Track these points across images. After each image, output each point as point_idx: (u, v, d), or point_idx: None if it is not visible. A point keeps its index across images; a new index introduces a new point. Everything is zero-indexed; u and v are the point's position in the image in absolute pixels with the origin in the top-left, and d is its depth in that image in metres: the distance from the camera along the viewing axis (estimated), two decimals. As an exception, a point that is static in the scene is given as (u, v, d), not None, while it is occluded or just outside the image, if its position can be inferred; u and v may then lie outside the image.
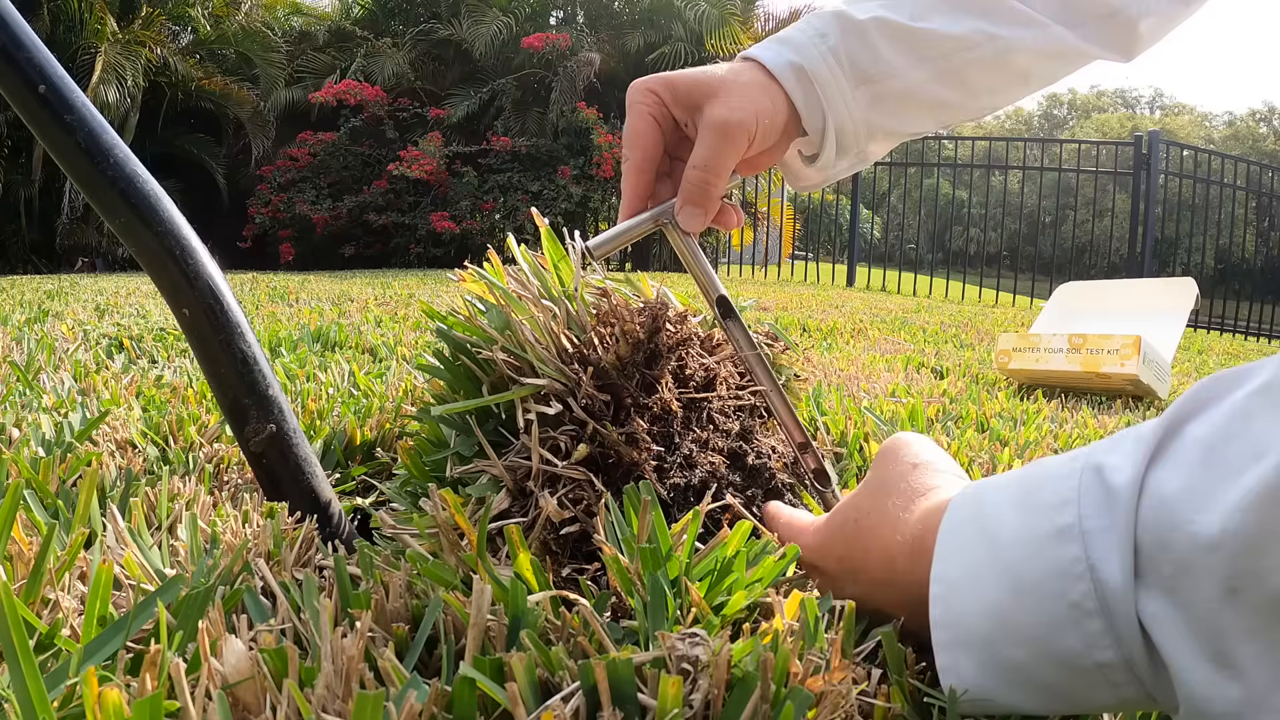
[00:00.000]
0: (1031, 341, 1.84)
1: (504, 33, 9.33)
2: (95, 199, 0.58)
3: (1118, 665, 0.33)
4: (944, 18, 0.61)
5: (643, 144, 0.60)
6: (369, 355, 1.63)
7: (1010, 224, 13.08)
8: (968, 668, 0.38)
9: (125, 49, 8.35)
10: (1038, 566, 0.35)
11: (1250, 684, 0.30)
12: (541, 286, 0.67)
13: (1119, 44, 0.64)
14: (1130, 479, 0.33)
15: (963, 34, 0.61)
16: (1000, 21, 0.61)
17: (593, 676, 0.36)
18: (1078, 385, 1.79)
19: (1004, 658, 0.36)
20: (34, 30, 0.56)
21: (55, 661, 0.42)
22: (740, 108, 0.57)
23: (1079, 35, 0.63)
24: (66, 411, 0.95)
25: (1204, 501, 0.30)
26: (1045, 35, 0.62)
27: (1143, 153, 6.26)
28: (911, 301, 5.43)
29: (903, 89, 0.62)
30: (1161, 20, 0.65)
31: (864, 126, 0.63)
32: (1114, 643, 0.33)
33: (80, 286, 3.73)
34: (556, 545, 0.57)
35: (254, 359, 0.60)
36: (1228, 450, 0.30)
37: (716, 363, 0.68)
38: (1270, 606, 0.29)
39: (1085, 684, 0.35)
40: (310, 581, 0.48)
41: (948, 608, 0.38)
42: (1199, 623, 0.30)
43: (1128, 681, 0.34)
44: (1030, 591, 0.35)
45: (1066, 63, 0.65)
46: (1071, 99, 42.34)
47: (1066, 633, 0.34)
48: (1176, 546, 0.31)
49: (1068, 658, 0.34)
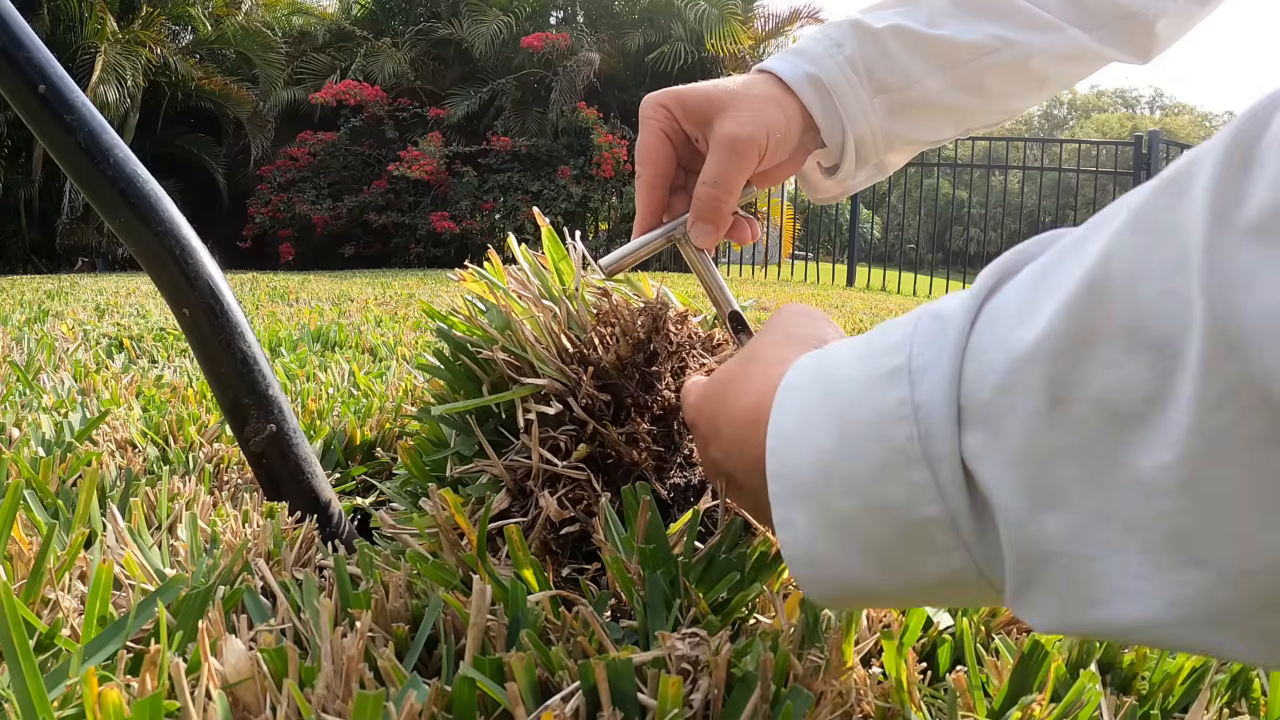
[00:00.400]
0: None
1: (504, 32, 9.32)
2: (95, 199, 0.58)
3: (942, 522, 0.30)
4: (960, 24, 0.61)
5: (654, 159, 0.60)
6: (369, 355, 1.63)
7: (1010, 224, 13.10)
8: (801, 522, 0.35)
9: (125, 49, 8.35)
10: (865, 410, 0.32)
11: (1069, 515, 0.26)
12: (542, 286, 0.67)
13: (1135, 46, 0.64)
14: (960, 309, 0.30)
15: (979, 40, 0.61)
16: (1016, 26, 0.61)
17: (593, 676, 0.36)
18: None
19: (835, 510, 0.34)
20: (34, 30, 0.56)
21: (55, 661, 0.42)
22: (750, 122, 0.57)
23: (1095, 38, 0.63)
24: (66, 411, 0.95)
25: (1029, 314, 0.27)
26: (1062, 39, 0.62)
27: (1143, 153, 6.26)
28: (911, 301, 5.43)
29: (921, 97, 0.62)
30: (1178, 20, 0.64)
31: (883, 136, 0.63)
32: (937, 493, 0.30)
33: (80, 286, 3.73)
34: (556, 545, 0.57)
35: (254, 359, 0.60)
36: (1060, 267, 0.27)
37: (717, 363, 0.68)
38: (1096, 417, 0.25)
39: (912, 548, 0.32)
40: (310, 581, 0.48)
41: (782, 460, 0.36)
42: (1017, 448, 0.27)
43: (954, 546, 0.30)
44: (858, 438, 0.32)
45: (1083, 65, 0.65)
46: (1071, 99, 42.37)
47: (891, 481, 0.31)
48: (995, 365, 0.28)
49: (893, 510, 0.31)
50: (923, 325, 0.32)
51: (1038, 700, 0.42)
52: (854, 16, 0.63)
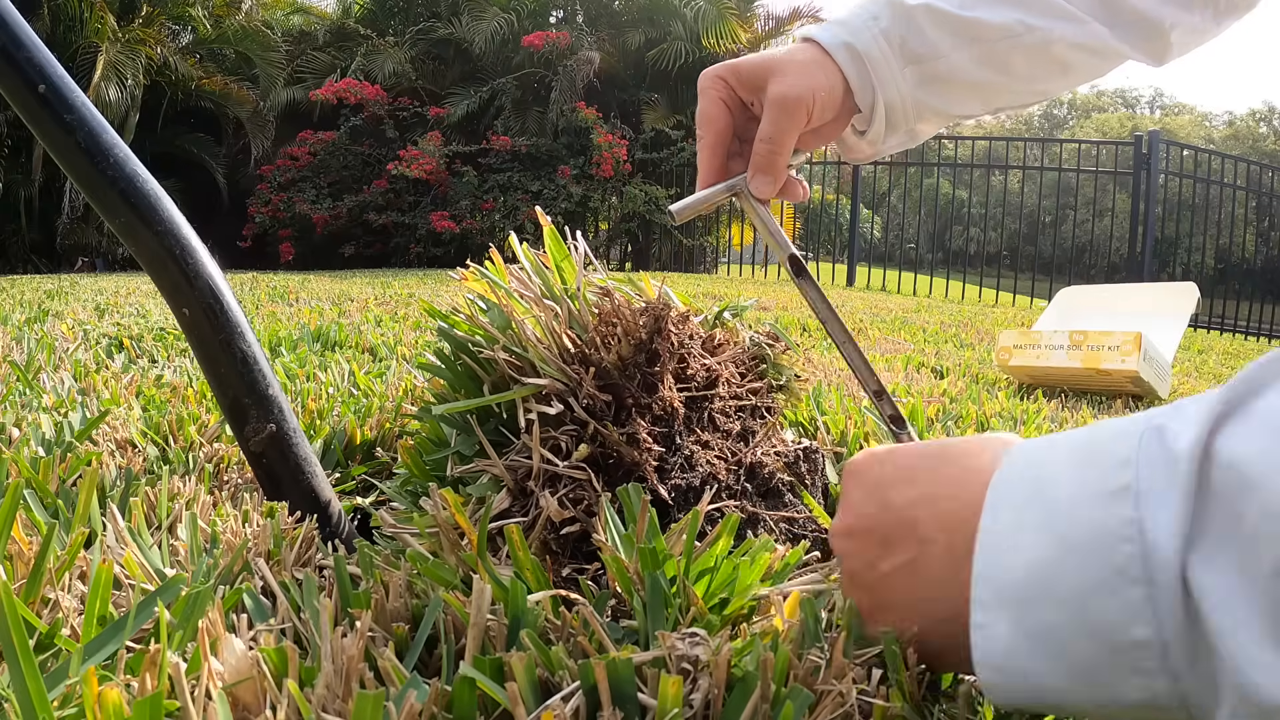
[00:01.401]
0: (1032, 339, 1.84)
1: (504, 31, 9.32)
2: (95, 199, 0.58)
3: (1152, 644, 0.31)
4: (988, 9, 0.66)
5: (714, 126, 0.66)
6: (369, 355, 1.63)
7: (1010, 224, 13.09)
8: (1003, 627, 0.35)
9: (125, 48, 8.34)
10: (1087, 526, 0.33)
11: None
12: (544, 285, 0.67)
13: (1151, 50, 0.69)
14: (1193, 440, 0.31)
15: (1004, 22, 0.66)
16: (1041, 14, 0.66)
17: (593, 676, 0.36)
18: (1079, 383, 1.79)
19: (1041, 620, 0.34)
20: (34, 29, 0.56)
21: (55, 661, 0.42)
22: (797, 84, 0.63)
23: (1116, 35, 0.67)
24: (66, 411, 0.95)
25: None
26: (1084, 30, 0.66)
27: (1143, 152, 6.26)
28: (911, 301, 5.43)
29: (948, 70, 0.67)
30: (1192, 34, 0.69)
31: (913, 105, 0.68)
32: (1153, 616, 0.30)
33: (80, 286, 3.73)
34: (557, 545, 0.57)
35: (254, 358, 0.60)
36: None
37: (717, 363, 0.68)
38: None
39: (1114, 667, 0.32)
40: (310, 581, 0.48)
41: (991, 561, 0.36)
42: (1264, 596, 0.28)
43: (1159, 670, 0.31)
44: (1077, 551, 0.33)
45: (1104, 59, 0.69)
46: (1071, 99, 42.36)
47: (1106, 599, 0.32)
48: (1246, 510, 0.28)
49: (1103, 629, 0.32)
50: (1149, 441, 0.33)
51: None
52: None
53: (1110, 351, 1.70)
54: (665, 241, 9.18)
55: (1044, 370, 1.80)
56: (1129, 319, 1.98)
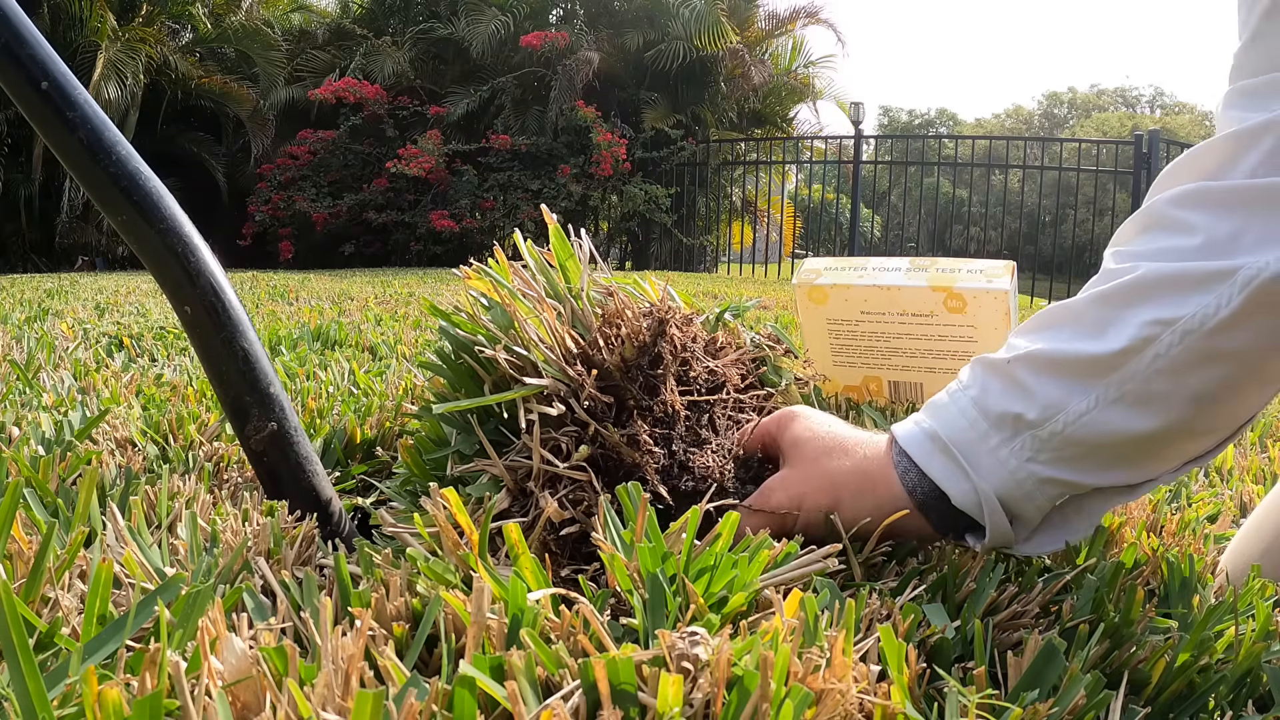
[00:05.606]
0: (852, 263, 1.28)
1: (503, 31, 9.31)
2: (97, 196, 0.58)
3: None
4: None
5: None
6: (369, 354, 1.63)
7: (1010, 223, 13.08)
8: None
9: (125, 47, 8.34)
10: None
11: None
12: (548, 285, 0.67)
13: None
14: None
15: None
16: None
17: (593, 675, 0.36)
18: (911, 315, 1.21)
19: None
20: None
21: (55, 660, 0.42)
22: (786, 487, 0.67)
23: None
24: (66, 410, 0.95)
25: None
26: None
27: (1143, 152, 6.27)
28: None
29: None
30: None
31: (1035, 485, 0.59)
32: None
33: (80, 285, 3.73)
34: (556, 545, 0.57)
35: (255, 356, 0.60)
36: None
37: (720, 366, 0.68)
38: None
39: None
40: (310, 580, 0.48)
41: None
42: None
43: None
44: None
45: None
46: (1072, 98, 42.34)
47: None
48: None
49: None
50: None
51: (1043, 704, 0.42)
52: None
53: (972, 274, 1.19)
54: (665, 241, 9.18)
55: (862, 294, 1.22)
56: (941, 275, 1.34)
